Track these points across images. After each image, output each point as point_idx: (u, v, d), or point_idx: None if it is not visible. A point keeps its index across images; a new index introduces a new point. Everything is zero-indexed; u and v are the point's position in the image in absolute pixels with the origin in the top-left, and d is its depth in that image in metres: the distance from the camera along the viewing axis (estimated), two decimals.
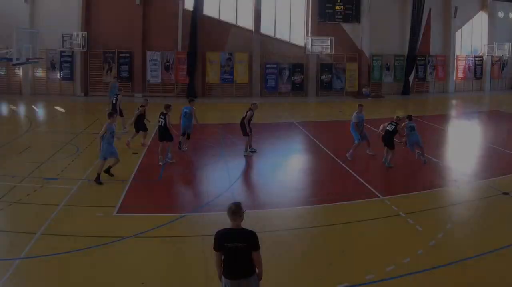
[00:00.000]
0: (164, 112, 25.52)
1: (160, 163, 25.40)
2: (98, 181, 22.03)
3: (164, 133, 25.40)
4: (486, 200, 20.69)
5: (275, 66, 56.72)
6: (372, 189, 21.55)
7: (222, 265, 10.26)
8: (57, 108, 44.84)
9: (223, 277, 10.25)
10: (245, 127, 27.50)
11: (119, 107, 32.74)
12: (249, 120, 27.63)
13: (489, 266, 14.30)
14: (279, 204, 19.99)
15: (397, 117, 25.88)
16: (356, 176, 23.80)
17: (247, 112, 27.70)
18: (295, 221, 18.25)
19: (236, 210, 10.09)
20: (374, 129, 29.13)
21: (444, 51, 62.47)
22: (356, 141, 27.15)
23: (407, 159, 27.19)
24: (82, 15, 52.66)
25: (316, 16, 57.18)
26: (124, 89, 46.01)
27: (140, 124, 29.16)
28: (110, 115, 23.04)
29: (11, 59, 30.83)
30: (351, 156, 26.82)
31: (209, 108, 46.51)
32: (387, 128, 25.74)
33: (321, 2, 57.18)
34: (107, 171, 22.78)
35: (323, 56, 56.73)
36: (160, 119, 25.51)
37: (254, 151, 28.19)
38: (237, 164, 26.43)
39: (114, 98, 33.41)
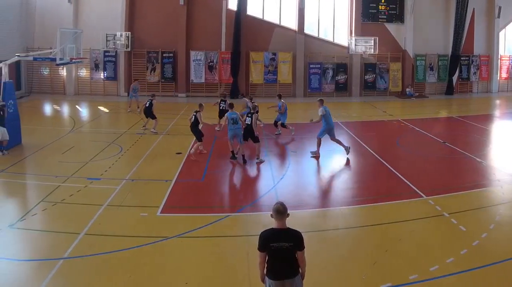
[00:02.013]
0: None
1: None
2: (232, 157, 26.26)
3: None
4: None
5: (318, 66, 56.45)
6: (416, 189, 21.42)
7: (266, 266, 10.26)
8: (101, 108, 45.21)
9: (266, 278, 10.27)
10: (254, 133, 26.73)
11: (152, 112, 33.09)
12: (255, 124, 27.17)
13: None
14: (322, 204, 20.11)
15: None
16: (400, 175, 23.70)
17: (252, 115, 26.82)
18: (339, 220, 18.29)
19: (283, 210, 10.17)
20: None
21: (487, 51, 61.54)
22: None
23: (451, 159, 27.06)
24: (125, 15, 53.26)
25: (360, 16, 56.90)
26: (168, 90, 46.41)
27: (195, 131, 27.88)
28: (231, 106, 26.85)
29: (54, 59, 31.02)
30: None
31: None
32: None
33: (365, 2, 56.98)
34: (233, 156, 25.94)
35: (367, 56, 56.40)
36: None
37: (263, 161, 26.86)
38: (281, 164, 26.56)
39: (148, 102, 33.61)
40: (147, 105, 33.62)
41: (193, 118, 26.93)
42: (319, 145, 27.63)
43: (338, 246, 15.89)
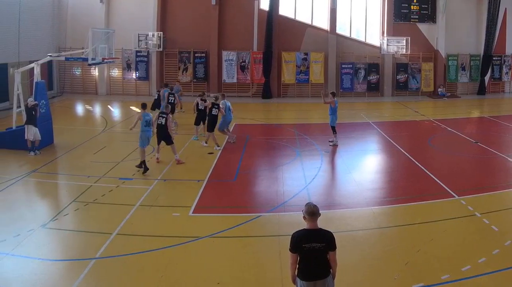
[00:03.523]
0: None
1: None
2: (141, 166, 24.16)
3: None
4: None
5: (350, 66, 56.15)
6: (448, 189, 21.34)
7: (297, 267, 10.23)
8: (133, 108, 45.34)
9: (298, 279, 10.25)
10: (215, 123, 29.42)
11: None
12: None
13: None
14: (354, 204, 19.96)
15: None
16: (432, 175, 23.59)
17: (218, 107, 29.31)
18: (371, 221, 18.23)
19: (315, 211, 10.16)
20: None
21: None
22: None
23: (483, 159, 26.90)
24: (157, 15, 53.46)
25: (392, 16, 56.54)
26: (200, 90, 46.44)
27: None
28: (144, 106, 25.45)
29: (86, 59, 31.09)
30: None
31: (285, 108, 46.55)
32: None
33: (397, 2, 56.57)
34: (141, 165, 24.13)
35: (399, 56, 56.06)
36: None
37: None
38: (313, 164, 26.34)
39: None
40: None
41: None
42: (225, 134, 30.36)
43: (370, 246, 15.88)
